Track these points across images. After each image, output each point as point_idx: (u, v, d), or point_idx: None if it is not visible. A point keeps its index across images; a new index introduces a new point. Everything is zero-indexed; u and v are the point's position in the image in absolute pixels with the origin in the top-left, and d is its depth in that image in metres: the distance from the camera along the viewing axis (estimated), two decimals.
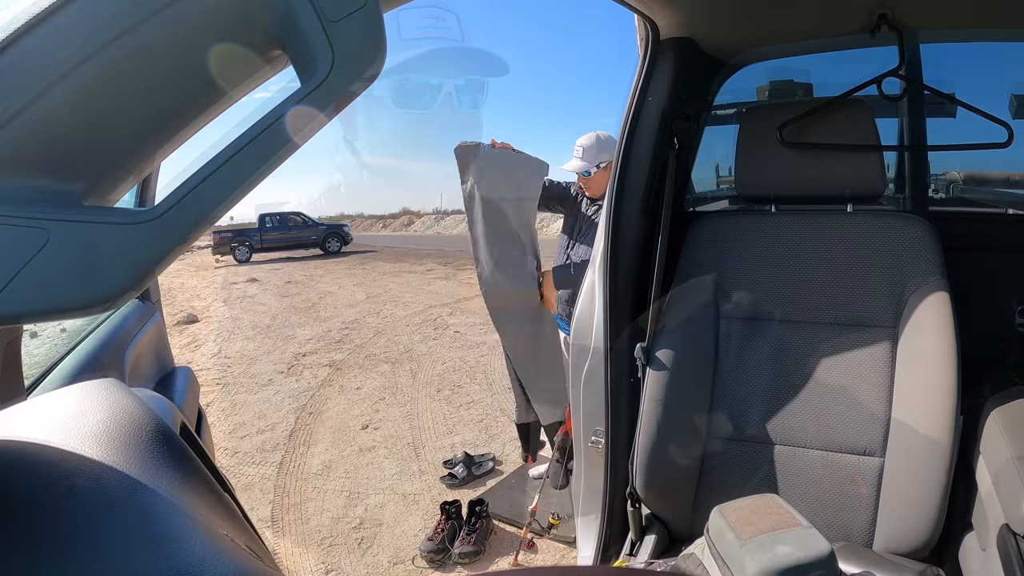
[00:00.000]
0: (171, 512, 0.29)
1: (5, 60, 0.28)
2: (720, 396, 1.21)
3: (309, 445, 3.27)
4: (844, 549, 0.99)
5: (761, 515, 0.79)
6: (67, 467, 0.30)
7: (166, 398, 0.47)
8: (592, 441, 1.32)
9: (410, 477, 2.83)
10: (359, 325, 6.58)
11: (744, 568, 0.73)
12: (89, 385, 0.39)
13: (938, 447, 0.96)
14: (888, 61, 1.11)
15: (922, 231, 1.11)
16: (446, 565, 2.13)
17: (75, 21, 0.29)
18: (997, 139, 1.06)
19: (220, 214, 0.31)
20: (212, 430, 3.40)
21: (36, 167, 0.29)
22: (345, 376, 4.58)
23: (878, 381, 1.10)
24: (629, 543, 1.24)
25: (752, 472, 1.17)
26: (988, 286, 1.31)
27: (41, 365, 1.10)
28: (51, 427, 0.34)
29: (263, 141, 0.31)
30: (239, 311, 8.03)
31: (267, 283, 11.04)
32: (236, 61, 0.34)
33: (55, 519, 0.27)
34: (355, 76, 0.33)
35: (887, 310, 1.12)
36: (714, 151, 1.73)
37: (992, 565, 0.81)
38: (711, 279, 1.25)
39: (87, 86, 0.29)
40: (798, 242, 1.20)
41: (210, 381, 4.57)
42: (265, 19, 0.33)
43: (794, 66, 1.52)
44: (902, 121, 1.59)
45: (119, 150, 0.32)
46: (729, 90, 1.45)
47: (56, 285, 0.28)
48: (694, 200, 1.66)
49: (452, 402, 3.86)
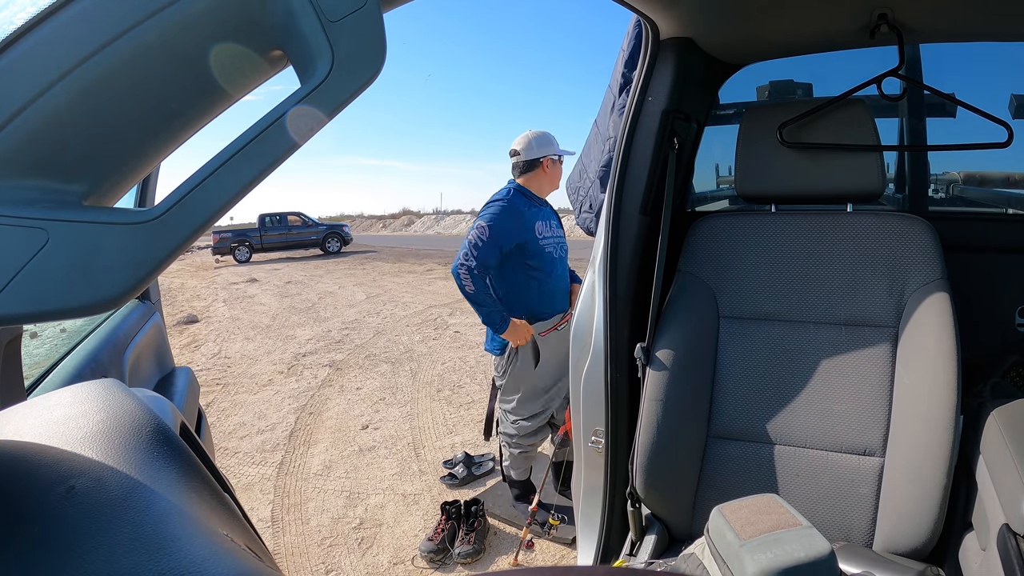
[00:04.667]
0: (171, 512, 0.29)
1: (5, 60, 0.28)
2: (720, 396, 1.21)
3: (309, 445, 3.27)
4: (844, 549, 0.99)
5: (761, 515, 0.79)
6: (67, 467, 0.30)
7: (166, 398, 0.47)
8: (592, 441, 1.32)
9: (410, 477, 2.83)
10: (359, 325, 6.58)
11: (744, 568, 0.73)
12: (89, 385, 0.39)
13: (938, 447, 0.96)
14: (888, 61, 1.11)
15: (922, 231, 1.11)
16: (446, 565, 2.13)
17: (75, 21, 0.29)
18: (997, 139, 1.06)
19: (220, 214, 0.31)
20: (212, 430, 3.41)
21: (36, 167, 0.29)
22: (345, 376, 4.58)
23: (878, 381, 1.10)
24: (629, 543, 1.24)
25: (752, 472, 1.17)
26: (988, 286, 1.31)
27: (41, 365, 1.10)
28: (51, 427, 0.34)
29: (263, 141, 0.31)
30: (239, 311, 8.03)
31: (267, 283, 11.04)
32: (236, 61, 0.34)
33: (55, 519, 0.27)
34: (355, 76, 0.33)
35: (887, 310, 1.12)
36: (714, 151, 1.74)
37: (992, 565, 0.82)
38: (711, 279, 1.25)
39: (87, 86, 0.29)
40: (798, 242, 1.20)
41: (210, 381, 4.57)
42: (265, 19, 0.33)
43: (794, 66, 1.52)
44: (902, 121, 1.59)
45: (119, 150, 0.32)
46: (729, 90, 1.45)
47: (56, 286, 0.28)
48: (694, 200, 1.67)
49: (452, 402, 3.86)
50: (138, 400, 0.38)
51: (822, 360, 1.15)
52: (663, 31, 1.19)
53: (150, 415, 0.36)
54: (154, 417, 0.36)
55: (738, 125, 1.24)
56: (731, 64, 1.36)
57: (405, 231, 38.71)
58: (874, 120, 1.13)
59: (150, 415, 0.36)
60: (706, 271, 1.25)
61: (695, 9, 1.10)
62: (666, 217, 1.24)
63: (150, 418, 0.36)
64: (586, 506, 1.38)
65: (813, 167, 1.18)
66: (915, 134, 1.56)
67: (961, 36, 1.18)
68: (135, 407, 0.37)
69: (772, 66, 1.41)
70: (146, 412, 0.36)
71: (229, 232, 17.05)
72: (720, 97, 1.48)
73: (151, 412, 0.37)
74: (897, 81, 1.21)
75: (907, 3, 1.03)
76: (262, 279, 11.67)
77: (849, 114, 1.15)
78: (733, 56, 1.33)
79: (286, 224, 17.62)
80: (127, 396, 0.38)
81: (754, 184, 1.23)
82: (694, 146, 1.42)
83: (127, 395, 0.38)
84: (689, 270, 1.26)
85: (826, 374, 1.15)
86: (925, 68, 1.50)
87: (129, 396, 0.38)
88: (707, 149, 1.56)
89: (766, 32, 1.20)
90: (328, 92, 0.32)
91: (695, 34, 1.20)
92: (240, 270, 13.94)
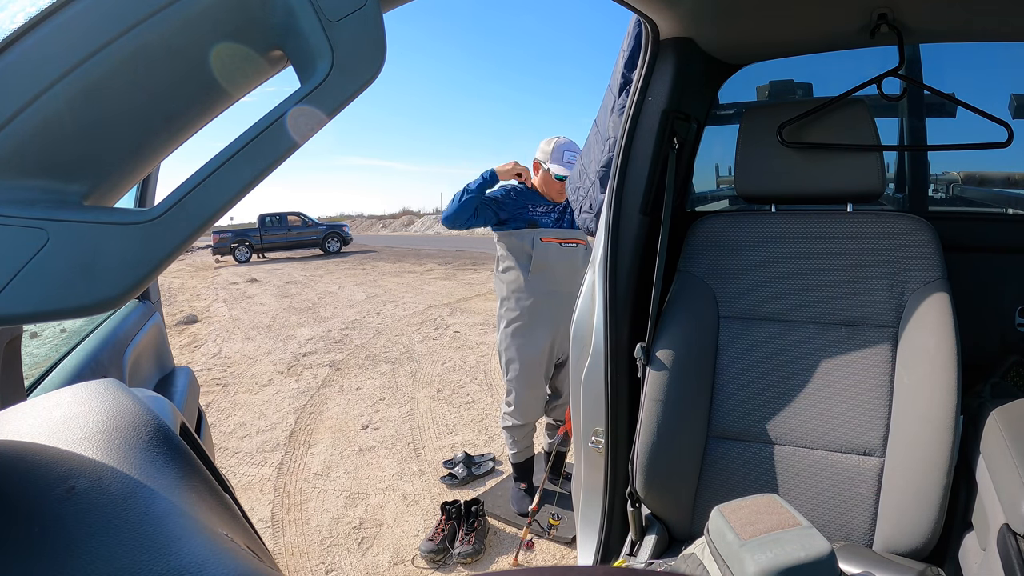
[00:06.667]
0: (171, 512, 0.29)
1: (5, 60, 0.28)
2: (720, 396, 1.21)
3: (309, 445, 3.27)
4: (844, 549, 0.99)
5: (761, 515, 0.79)
6: (67, 468, 0.30)
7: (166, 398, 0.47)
8: (592, 441, 1.32)
9: (410, 477, 2.83)
10: (359, 325, 6.58)
11: (744, 568, 0.73)
12: (89, 385, 0.39)
13: (938, 447, 0.96)
14: (888, 61, 1.11)
15: (922, 231, 1.11)
16: (446, 565, 2.13)
17: (75, 21, 0.29)
18: (997, 139, 1.06)
19: (220, 214, 0.31)
20: (212, 430, 3.41)
21: (36, 167, 0.29)
22: (345, 376, 4.58)
23: (878, 381, 1.10)
24: (629, 543, 1.24)
25: (752, 472, 1.17)
26: (988, 286, 1.31)
27: (41, 365, 1.10)
28: (51, 427, 0.34)
29: (263, 141, 0.31)
30: (239, 311, 8.03)
31: (267, 283, 11.04)
32: (236, 61, 0.34)
33: (55, 519, 0.27)
34: (355, 76, 0.33)
35: (887, 310, 1.12)
36: (714, 151, 1.74)
37: (992, 565, 0.81)
38: (711, 279, 1.25)
39: (87, 86, 0.29)
40: (798, 242, 1.20)
41: (210, 381, 4.57)
42: (265, 19, 0.33)
43: (794, 66, 1.52)
44: (902, 121, 1.59)
45: (119, 150, 0.32)
46: (729, 90, 1.45)
47: (56, 286, 0.28)
48: (694, 200, 1.66)
49: (452, 402, 3.86)
50: (138, 400, 0.38)
51: (822, 360, 1.15)
52: (663, 31, 1.19)
53: (150, 415, 0.36)
54: (154, 417, 0.36)
55: (738, 125, 1.24)
56: (731, 64, 1.36)
57: (405, 231, 38.68)
58: (874, 120, 1.13)
59: (150, 415, 0.36)
60: (706, 271, 1.25)
61: (695, 9, 1.10)
62: (666, 217, 1.24)
63: (150, 418, 0.36)
64: (586, 506, 1.38)
65: (813, 167, 1.18)
66: (915, 134, 1.56)
67: (961, 36, 1.18)
68: (135, 407, 0.37)
69: (772, 66, 1.41)
70: (146, 412, 0.36)
71: (229, 232, 17.05)
72: (720, 97, 1.48)
73: (151, 412, 0.37)
74: (897, 81, 1.21)
75: (907, 3, 1.03)
76: (262, 279, 11.67)
77: (849, 114, 1.15)
78: (733, 56, 1.33)
79: (286, 224, 17.63)
80: (127, 396, 0.38)
81: (754, 184, 1.23)
82: (694, 146, 1.42)
83: (127, 395, 0.38)
84: (689, 270, 1.26)
85: (826, 374, 1.15)
86: (925, 68, 1.50)
87: (129, 396, 0.38)
88: (707, 149, 1.56)
89: (766, 32, 1.20)
90: (328, 92, 0.32)
91: (695, 34, 1.20)
92: (240, 270, 13.94)
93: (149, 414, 0.36)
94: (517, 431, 2.39)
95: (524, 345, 2.31)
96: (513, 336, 2.32)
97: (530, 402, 2.36)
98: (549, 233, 2.28)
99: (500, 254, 2.36)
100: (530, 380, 2.33)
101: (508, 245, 2.31)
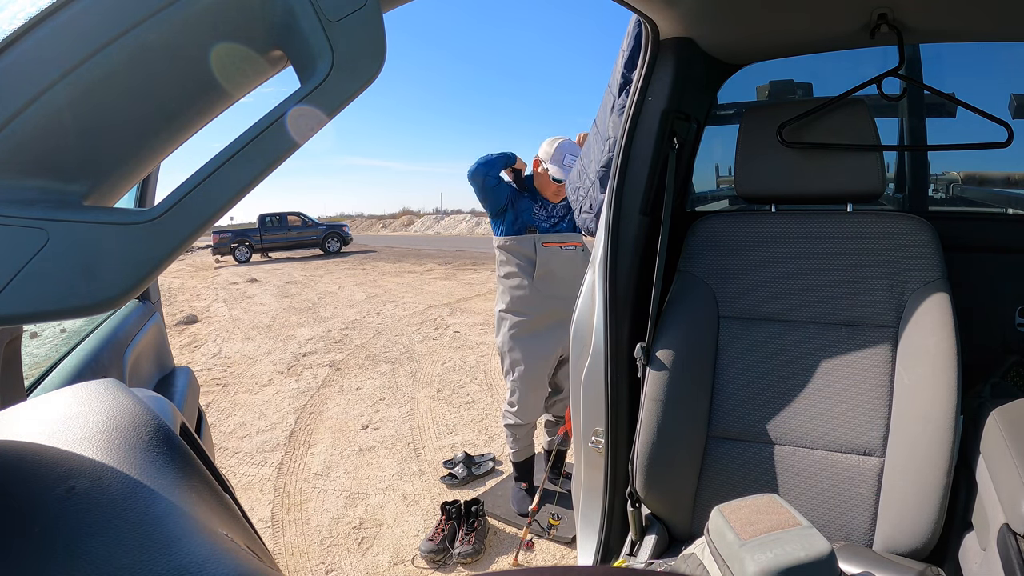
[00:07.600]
0: (171, 512, 0.29)
1: (5, 60, 0.28)
2: (720, 396, 1.21)
3: (309, 445, 3.27)
4: (844, 549, 0.99)
5: (761, 515, 0.79)
6: (67, 468, 0.30)
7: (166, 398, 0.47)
8: (592, 441, 1.32)
9: (410, 477, 2.83)
10: (359, 325, 6.58)
11: (744, 568, 0.73)
12: (89, 385, 0.39)
13: (938, 447, 0.96)
14: (888, 61, 1.11)
15: (922, 231, 1.11)
16: (446, 565, 2.13)
17: (75, 21, 0.29)
18: (997, 139, 1.06)
19: (220, 214, 0.31)
20: (212, 430, 3.41)
21: (37, 167, 0.29)
22: (345, 376, 4.58)
23: (878, 381, 1.10)
24: (629, 543, 1.24)
25: (752, 472, 1.17)
26: (988, 286, 1.31)
27: (41, 365, 1.09)
28: (51, 427, 0.34)
29: (263, 141, 0.31)
30: (239, 311, 8.03)
31: (267, 283, 11.04)
32: (236, 61, 0.34)
33: (55, 519, 0.27)
34: (355, 76, 0.33)
35: (887, 310, 1.12)
36: (714, 151, 1.74)
37: (992, 565, 0.81)
38: (711, 279, 1.25)
39: (87, 86, 0.29)
40: (798, 242, 1.20)
41: (210, 381, 4.57)
42: (265, 19, 0.33)
43: (794, 66, 1.52)
44: (902, 121, 1.59)
45: (119, 150, 0.32)
46: (729, 90, 1.45)
47: (56, 286, 0.28)
48: (694, 200, 1.66)
49: (452, 402, 3.86)
50: (138, 400, 0.38)
51: (822, 360, 1.15)
52: (663, 31, 1.19)
53: (150, 415, 0.36)
54: (154, 417, 0.36)
55: (738, 125, 1.24)
56: (731, 64, 1.36)
57: (405, 231, 38.69)
58: (874, 120, 1.13)
59: (150, 415, 0.36)
60: (706, 271, 1.25)
61: (695, 9, 1.10)
62: (666, 217, 1.24)
63: (150, 418, 0.36)
64: (586, 506, 1.38)
65: (813, 167, 1.18)
66: (915, 134, 1.56)
67: (961, 36, 1.18)
68: (135, 407, 0.37)
69: (772, 66, 1.41)
70: (146, 412, 0.36)
71: (229, 232, 17.05)
72: (720, 97, 1.48)
73: (151, 412, 0.36)
74: (897, 81, 1.21)
75: (907, 3, 1.03)
76: (262, 279, 11.67)
77: (849, 114, 1.15)
78: (733, 56, 1.33)
79: (286, 224, 17.63)
80: (127, 396, 0.38)
81: (754, 184, 1.23)
82: (694, 146, 1.42)
83: (127, 395, 0.38)
84: (689, 270, 1.26)
85: (826, 374, 1.15)
86: (925, 68, 1.50)
87: (129, 396, 0.38)
88: (707, 149, 1.56)
89: (766, 32, 1.20)
90: (328, 92, 0.32)
91: (695, 34, 1.20)
92: (240, 270, 13.94)
93: (149, 414, 0.36)
94: (519, 429, 2.40)
95: (531, 348, 2.33)
96: (519, 339, 2.33)
97: (533, 402, 2.37)
98: (549, 238, 2.32)
99: (501, 259, 2.38)
100: (534, 382, 2.35)
101: (510, 251, 2.33)
